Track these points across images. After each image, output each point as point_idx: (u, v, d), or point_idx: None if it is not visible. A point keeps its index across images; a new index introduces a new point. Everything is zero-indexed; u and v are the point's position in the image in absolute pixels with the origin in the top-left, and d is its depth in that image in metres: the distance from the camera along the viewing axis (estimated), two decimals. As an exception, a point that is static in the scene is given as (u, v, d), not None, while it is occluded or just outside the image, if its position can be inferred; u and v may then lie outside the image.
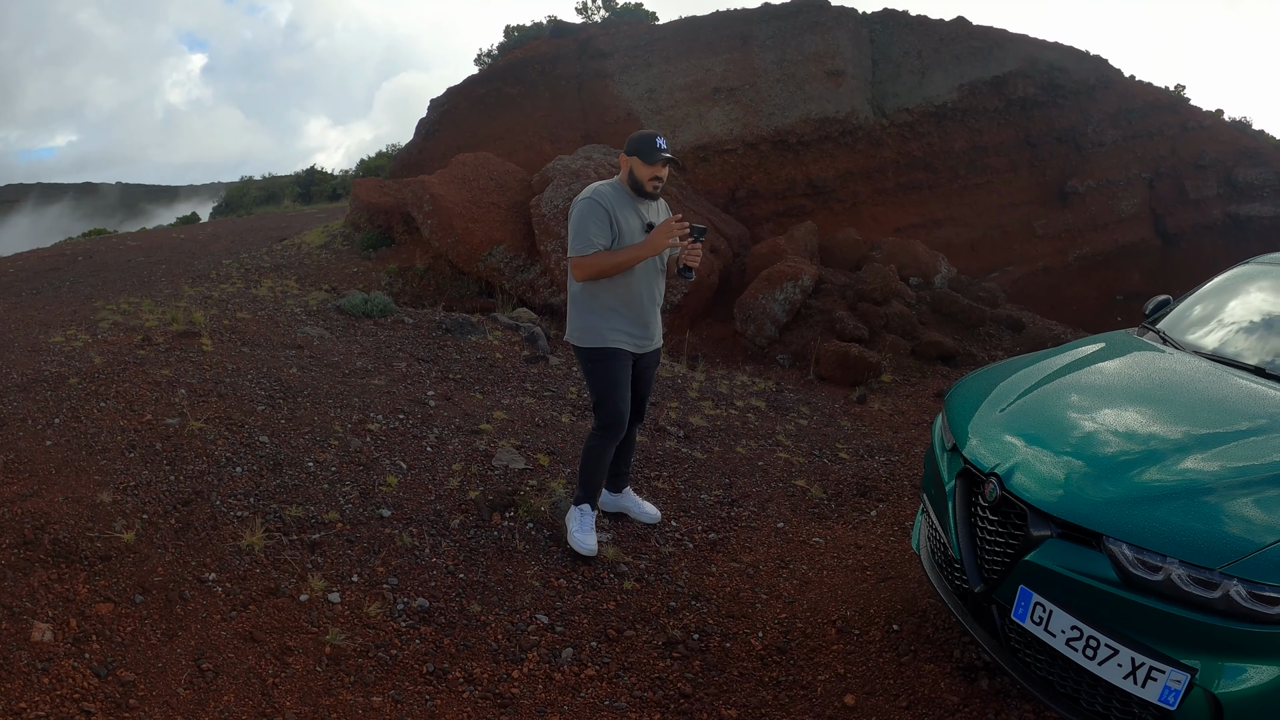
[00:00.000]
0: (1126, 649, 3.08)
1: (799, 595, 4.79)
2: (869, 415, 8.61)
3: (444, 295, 12.28)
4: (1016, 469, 3.62)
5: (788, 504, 6.01)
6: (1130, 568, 3.09)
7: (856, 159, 16.58)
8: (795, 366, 10.54)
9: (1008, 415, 4.08)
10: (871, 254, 13.35)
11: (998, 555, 3.61)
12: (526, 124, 16.31)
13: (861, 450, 7.36)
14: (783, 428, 7.69)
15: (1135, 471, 3.40)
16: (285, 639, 3.89)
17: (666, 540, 5.21)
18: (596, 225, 4.50)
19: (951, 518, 3.89)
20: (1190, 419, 3.72)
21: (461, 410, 6.61)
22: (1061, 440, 3.74)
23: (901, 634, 4.42)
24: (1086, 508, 3.31)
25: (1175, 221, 19.48)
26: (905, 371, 10.34)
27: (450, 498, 5.24)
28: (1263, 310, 4.83)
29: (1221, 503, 3.16)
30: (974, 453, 3.87)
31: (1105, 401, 4.02)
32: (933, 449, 4.45)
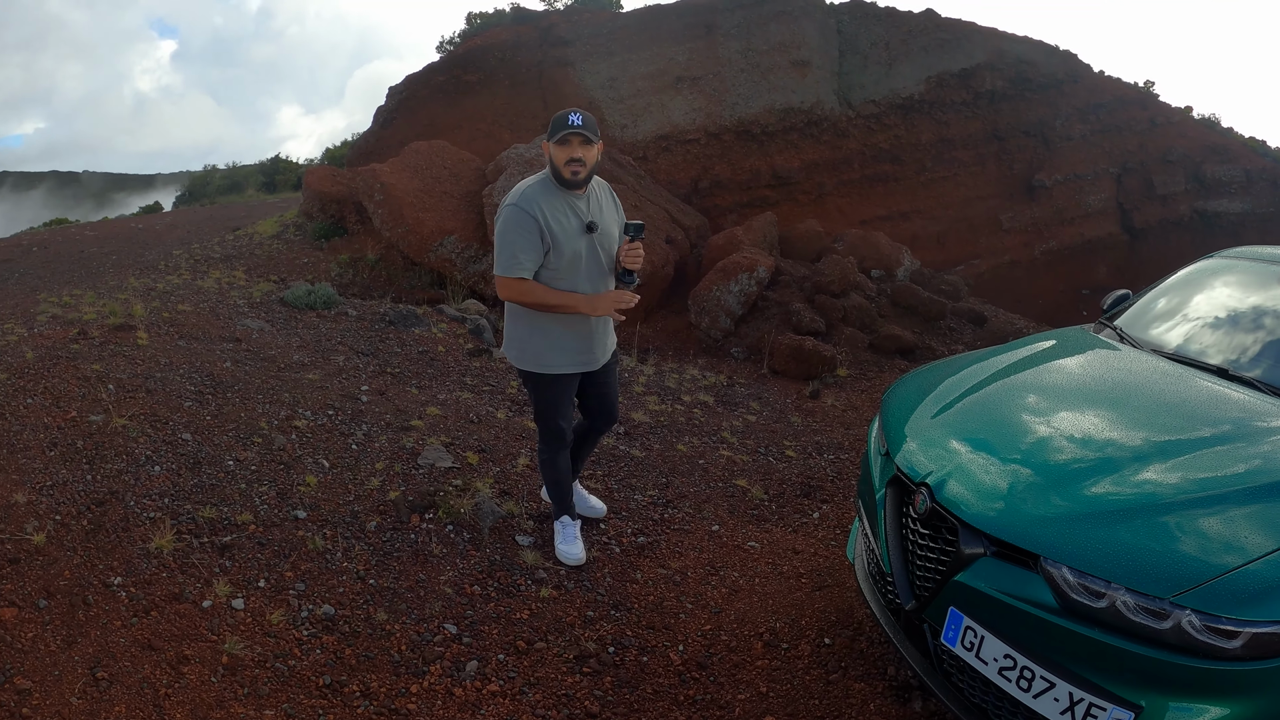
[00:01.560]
0: (1065, 682, 2.84)
1: (727, 605, 4.54)
2: (821, 411, 8.35)
3: (394, 286, 11.98)
4: (949, 478, 3.37)
5: (726, 505, 5.75)
6: (1071, 593, 2.84)
7: (822, 150, 16.40)
8: (749, 360, 10.26)
9: (947, 418, 3.84)
10: (833, 246, 13.12)
11: (929, 572, 3.37)
12: (486, 112, 16.02)
13: (810, 448, 7.12)
14: (729, 424, 7.42)
15: (1083, 484, 3.15)
16: (183, 647, 3.64)
17: (591, 544, 4.93)
18: (523, 241, 3.93)
19: (882, 528, 3.66)
20: (1148, 425, 3.47)
21: (395, 406, 6.31)
22: (1004, 446, 3.50)
23: (833, 649, 4.18)
24: (1023, 524, 3.06)
25: (1143, 216, 19.53)
26: (862, 366, 10.10)
27: (370, 498, 4.96)
28: (1226, 307, 4.62)
29: (1177, 522, 2.91)
30: (907, 459, 3.63)
31: (1055, 404, 3.78)
32: (867, 453, 4.22)
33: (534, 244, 3.95)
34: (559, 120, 3.95)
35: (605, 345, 4.43)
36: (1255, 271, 4.83)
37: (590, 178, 4.11)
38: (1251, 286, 4.72)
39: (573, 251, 4.05)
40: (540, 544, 4.85)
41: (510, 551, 4.73)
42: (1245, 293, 4.68)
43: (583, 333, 4.22)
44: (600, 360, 4.40)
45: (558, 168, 3.99)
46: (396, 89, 17.33)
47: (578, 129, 3.91)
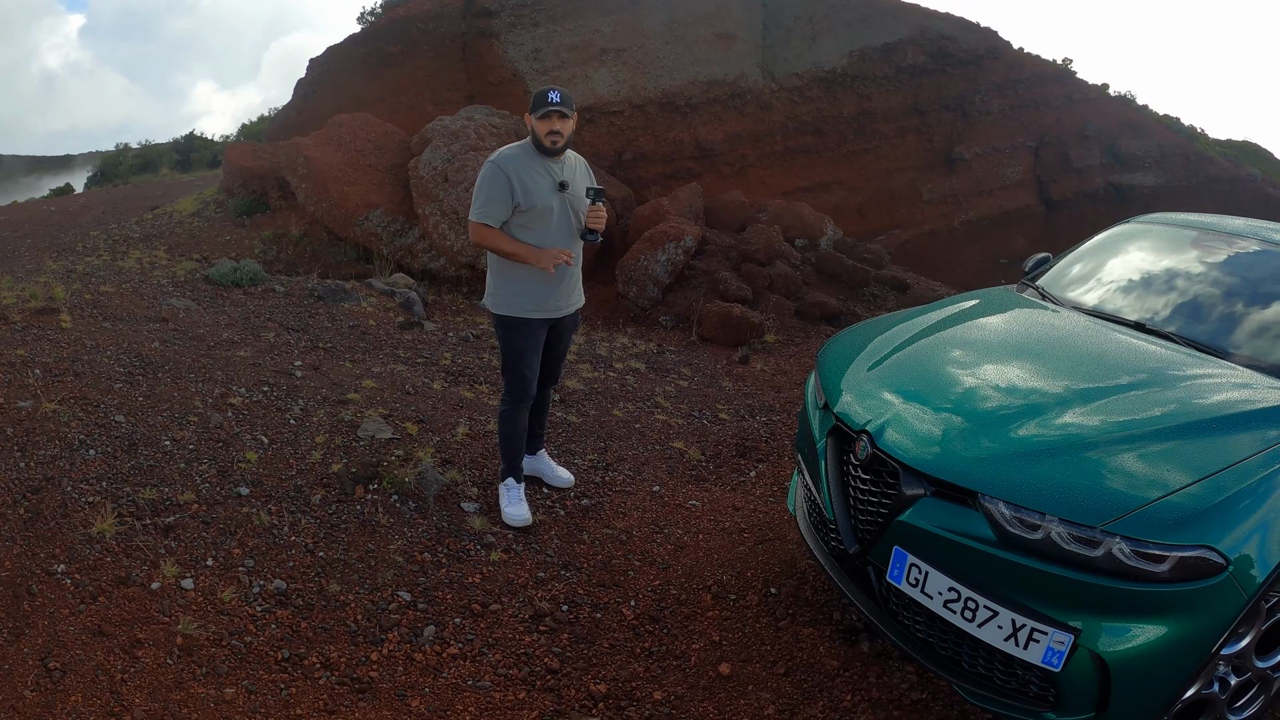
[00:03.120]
0: (1007, 610, 2.98)
1: (674, 561, 4.63)
2: (752, 375, 8.48)
3: (319, 262, 11.75)
4: (888, 426, 3.50)
5: (664, 467, 5.83)
6: (1008, 526, 2.99)
7: (745, 122, 16.45)
8: (678, 328, 10.34)
9: (880, 371, 3.96)
10: (757, 216, 13.20)
11: (872, 515, 3.49)
12: (409, 85, 15.74)
13: (742, 410, 7.23)
14: (662, 390, 7.51)
15: (1013, 427, 3.32)
16: (136, 631, 3.58)
17: (537, 508, 4.97)
18: (493, 193, 4.38)
19: (824, 477, 3.76)
20: (1070, 374, 3.65)
21: (329, 380, 6.24)
22: (935, 396, 3.64)
23: (779, 598, 4.29)
24: (961, 465, 3.21)
25: (1059, 189, 20.00)
26: (789, 331, 10.25)
27: (312, 472, 4.91)
28: (1141, 268, 4.83)
29: (1103, 458, 3.09)
30: (845, 409, 3.74)
31: (982, 357, 3.94)
32: (805, 407, 4.32)
33: (503, 198, 4.36)
34: (540, 97, 4.38)
35: (570, 298, 4.71)
36: (1167, 235, 5.08)
37: (567, 146, 4.53)
38: (1164, 249, 4.96)
39: (544, 206, 4.43)
40: (486, 509, 4.88)
41: (457, 518, 4.75)
42: (1158, 254, 4.91)
43: (551, 282, 4.53)
44: (563, 309, 4.68)
45: (539, 137, 4.42)
46: (318, 61, 16.94)
47: (557, 106, 4.34)
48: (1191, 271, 4.66)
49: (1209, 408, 3.36)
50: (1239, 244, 4.77)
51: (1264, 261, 4.59)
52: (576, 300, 4.78)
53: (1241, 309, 4.29)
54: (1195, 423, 3.25)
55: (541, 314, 4.56)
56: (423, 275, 11.53)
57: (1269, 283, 4.39)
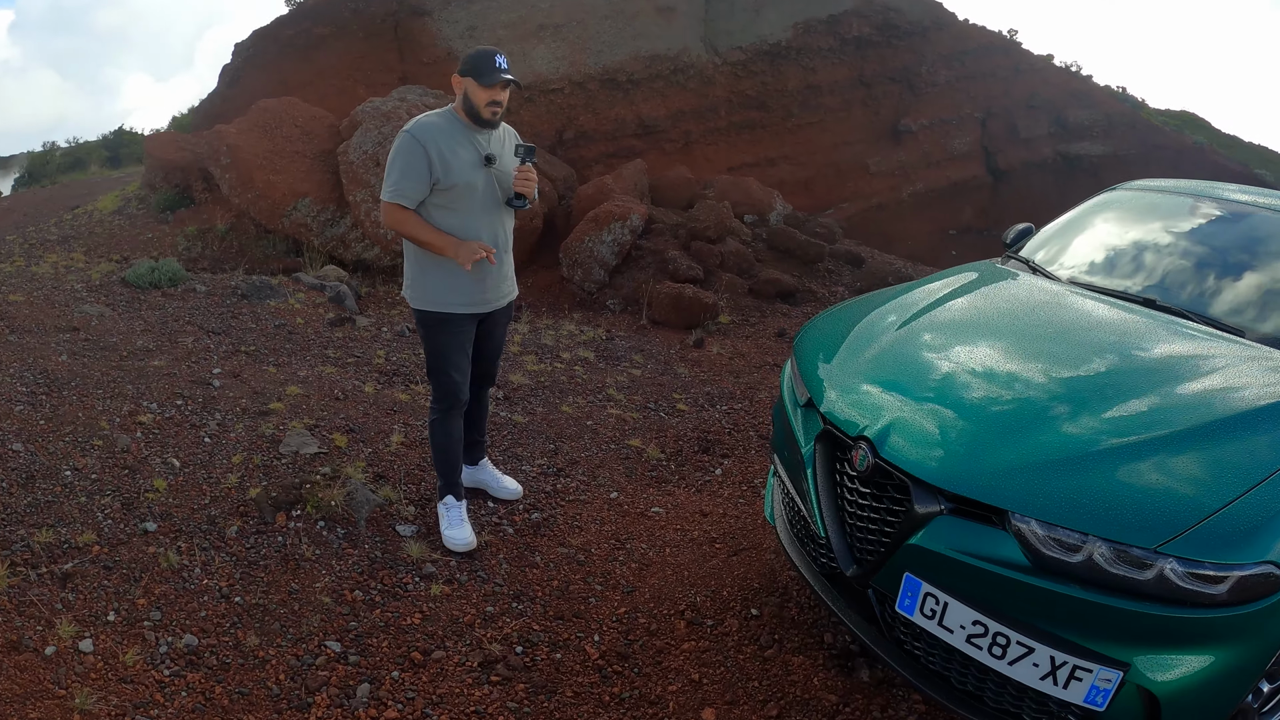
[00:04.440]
0: (1044, 646, 2.55)
1: (639, 582, 4.09)
2: (707, 360, 7.95)
3: (247, 257, 11.03)
4: (891, 431, 3.00)
5: (622, 469, 5.30)
6: (1044, 549, 2.55)
7: (688, 98, 15.97)
8: (627, 311, 9.80)
9: (873, 363, 3.47)
10: (704, 192, 12.77)
11: (873, 534, 3.01)
12: (339, 67, 15.01)
13: (701, 400, 6.72)
14: (614, 380, 6.96)
15: (1039, 430, 2.85)
16: (27, 710, 2.95)
17: (481, 526, 4.40)
18: (408, 168, 3.74)
19: (812, 488, 3.26)
20: (1091, 365, 3.20)
21: (251, 388, 5.60)
22: (942, 393, 3.15)
23: (762, 620, 3.79)
24: (985, 478, 2.73)
25: (1007, 159, 19.93)
26: (744, 311, 9.77)
27: (227, 499, 4.28)
28: (1139, 239, 4.45)
29: (1145, 465, 2.66)
30: (835, 410, 3.24)
31: (987, 345, 3.46)
32: (782, 402, 3.82)
33: (419, 174, 3.75)
34: (485, 62, 3.77)
35: (500, 289, 4.12)
36: (1160, 203, 4.72)
37: (502, 119, 3.99)
38: (1159, 217, 4.59)
39: (466, 183, 3.83)
40: (424, 532, 4.29)
41: (392, 545, 4.15)
42: (1154, 224, 4.54)
43: (477, 271, 3.92)
44: (494, 302, 4.10)
45: (477, 107, 3.81)
46: (243, 45, 16.09)
47: (506, 74, 3.77)
48: (1194, 242, 4.29)
49: (1247, 400, 2.95)
50: (1238, 211, 4.41)
51: (1271, 230, 4.21)
52: (509, 291, 4.19)
53: (1256, 282, 3.91)
54: (1235, 418, 2.84)
55: (468, 308, 3.96)
56: (356, 266, 10.87)
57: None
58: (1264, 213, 4.30)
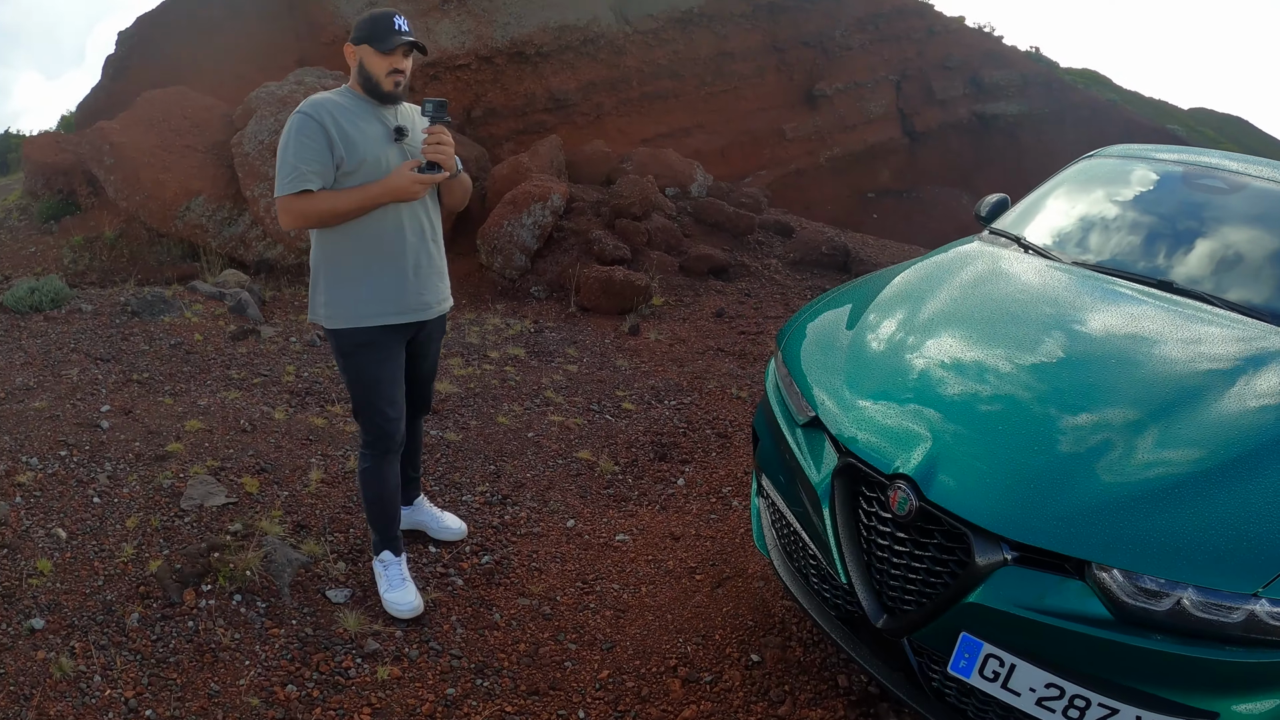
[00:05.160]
0: (1129, 706, 2.22)
1: (618, 633, 3.52)
2: (646, 348, 7.39)
3: (139, 266, 10.01)
4: (937, 467, 2.51)
5: (574, 488, 4.71)
6: (1128, 599, 2.20)
7: (600, 69, 15.36)
8: (553, 298, 9.16)
9: (892, 375, 2.96)
10: (622, 166, 12.21)
11: (913, 582, 2.53)
12: (232, 52, 13.98)
13: (647, 395, 6.15)
14: (550, 380, 6.34)
15: (1105, 463, 2.44)
16: None
17: (427, 580, 3.75)
18: (304, 149, 3.03)
19: (830, 531, 2.75)
20: (1140, 373, 2.80)
21: (144, 427, 4.80)
22: (992, 417, 2.66)
23: (765, 667, 3.29)
24: (1059, 524, 2.31)
25: (923, 121, 19.92)
26: (677, 291, 9.24)
27: (125, 577, 3.52)
28: (1137, 213, 4.08)
29: (1223, 498, 2.33)
30: (859, 440, 2.72)
31: (1023, 351, 2.98)
32: (770, 416, 3.29)
33: (319, 153, 3.05)
34: (381, 25, 3.13)
35: (436, 289, 3.42)
36: (1151, 172, 4.38)
37: (406, 91, 3.30)
38: (1154, 188, 4.25)
39: (374, 159, 3.14)
40: (360, 595, 3.60)
41: (324, 617, 3.46)
42: (1151, 196, 4.20)
43: (402, 268, 3.25)
44: (429, 307, 3.39)
45: (376, 78, 3.16)
46: (127, 33, 14.84)
47: (408, 36, 3.14)
48: (1202, 218, 3.94)
49: None
50: (1237, 183, 4.09)
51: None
52: (444, 295, 3.49)
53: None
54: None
55: (398, 317, 3.25)
56: (258, 267, 10.01)
57: None
58: (1263, 183, 4.02)
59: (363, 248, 3.18)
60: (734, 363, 7.04)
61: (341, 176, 3.09)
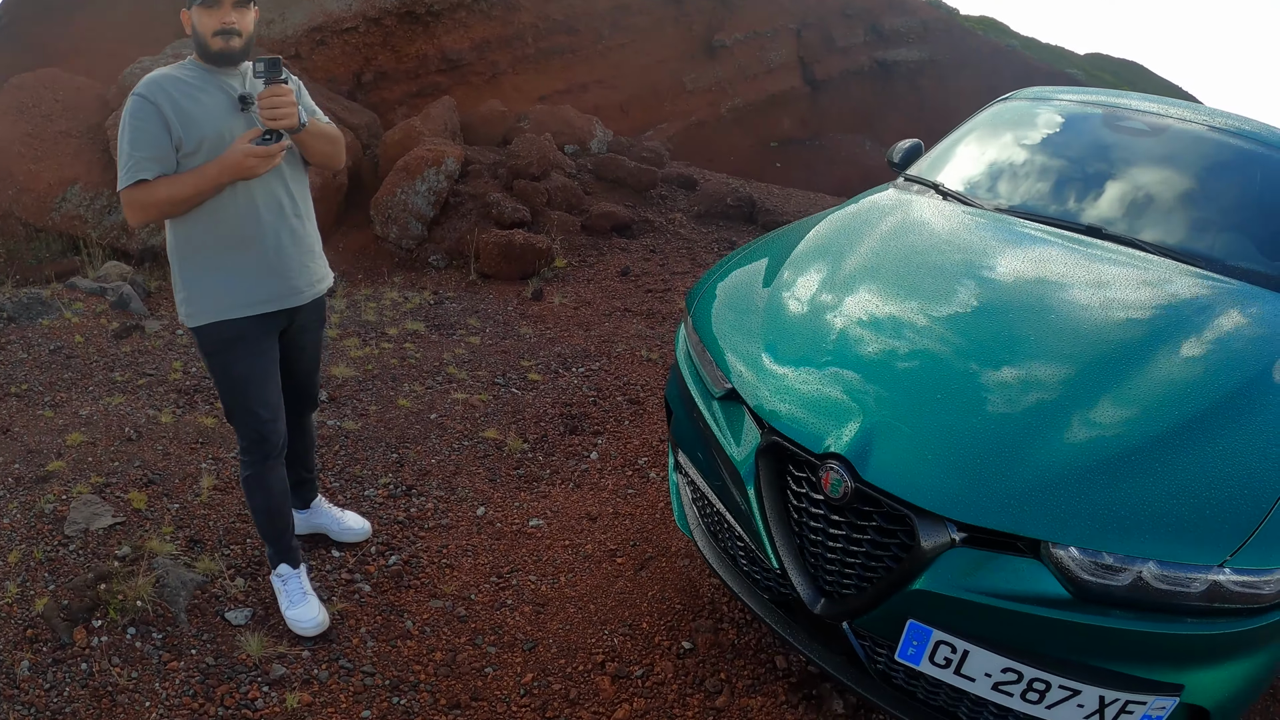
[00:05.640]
0: (1091, 687, 2.11)
1: (539, 631, 3.29)
2: (551, 313, 7.10)
3: (16, 265, 9.26)
4: (872, 445, 2.31)
5: (483, 471, 4.44)
6: (1087, 576, 2.08)
7: (493, 26, 14.83)
8: (453, 266, 8.79)
9: (814, 340, 2.75)
10: (520, 125, 11.86)
11: (852, 566, 2.36)
12: (108, 29, 13.13)
13: (553, 364, 5.89)
14: (452, 354, 6.02)
15: (1052, 434, 2.29)
16: None
17: (332, 590, 3.46)
18: (140, 135, 2.65)
19: (758, 515, 2.55)
20: (1078, 330, 2.67)
21: (23, 445, 4.35)
22: (930, 388, 2.47)
23: (698, 654, 3.12)
24: (1009, 502, 2.15)
25: (824, 69, 19.69)
26: (580, 251, 8.98)
27: (11, 620, 3.14)
28: (1060, 156, 3.96)
29: (1182, 465, 2.22)
30: (784, 415, 2.50)
31: (952, 308, 2.81)
32: (682, 383, 3.06)
33: (154, 138, 2.66)
34: None
35: (308, 270, 3.02)
36: (1069, 114, 4.27)
37: (248, 50, 2.84)
38: (1071, 130, 4.15)
39: (216, 135, 2.72)
40: (262, 615, 3.29)
41: (224, 642, 3.13)
42: (1070, 138, 4.09)
43: (261, 252, 2.86)
44: (300, 292, 2.99)
45: (203, 39, 2.75)
46: (-9, 15, 13.97)
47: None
48: (1125, 159, 3.84)
49: (1249, 358, 2.61)
50: (1157, 125, 4.01)
51: (1202, 146, 3.87)
52: (320, 276, 3.10)
53: (1212, 207, 3.57)
54: (1256, 382, 2.50)
55: (263, 306, 2.89)
56: (142, 256, 9.39)
57: (1225, 171, 3.73)
58: (1182, 125, 3.97)
59: (214, 234, 2.80)
60: (642, 323, 6.82)
61: (184, 159, 2.70)
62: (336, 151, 2.98)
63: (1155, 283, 2.96)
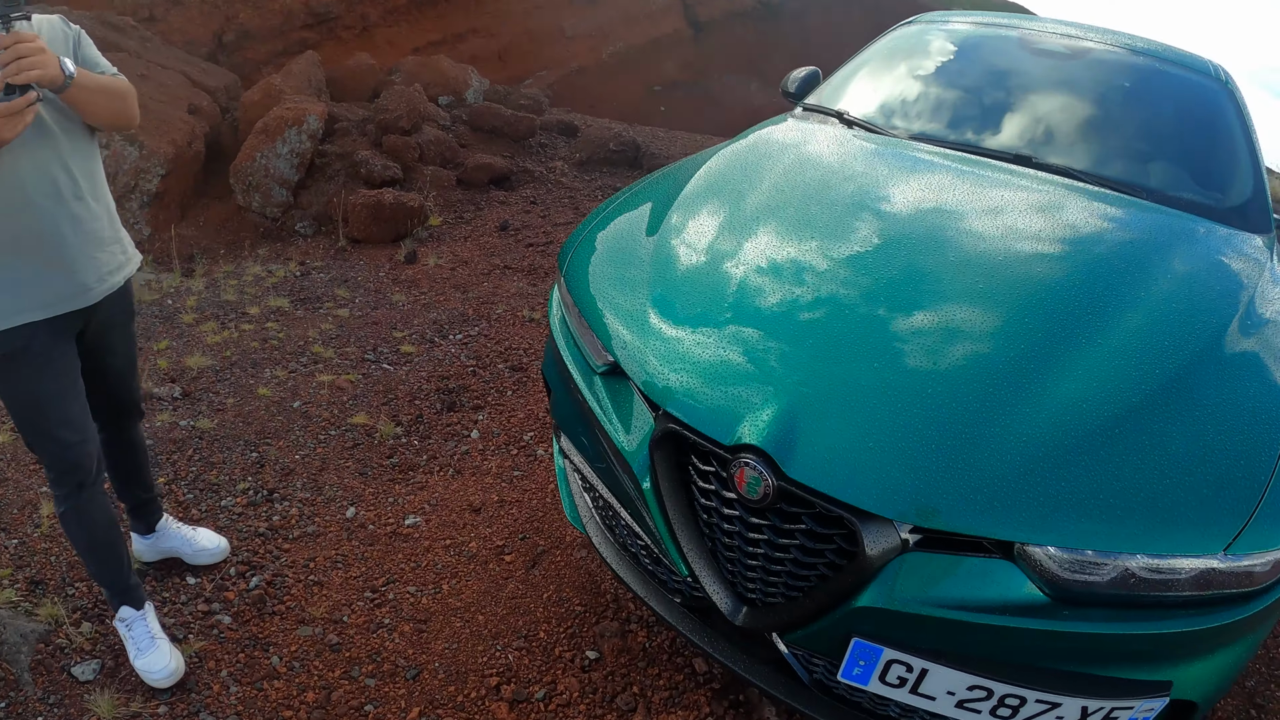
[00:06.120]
0: (1073, 698, 1.80)
1: (422, 655, 2.85)
2: (425, 276, 6.56)
3: None
4: (797, 434, 1.90)
5: (352, 463, 3.95)
6: (1068, 575, 1.78)
7: (362, -24, 14.08)
8: (321, 234, 8.15)
9: (712, 302, 2.31)
10: (391, 79, 11.22)
11: (777, 571, 1.97)
12: None
13: (429, 332, 5.39)
14: (318, 330, 5.45)
15: (1018, 414, 1.92)
16: None
17: (188, 625, 2.94)
18: None
19: (658, 515, 2.14)
20: (1031, 278, 2.33)
21: None
22: (859, 358, 2.06)
23: (605, 664, 2.75)
24: (971, 500, 1.78)
25: (707, 10, 19.55)
26: (456, 208, 8.43)
27: None
28: (971, 82, 3.65)
29: (1171, 434, 1.90)
30: (681, 400, 2.07)
31: (877, 255, 2.41)
32: (558, 355, 2.62)
33: None
34: None
35: (96, 263, 2.41)
36: (974, 36, 3.99)
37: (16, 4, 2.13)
38: (984, 54, 3.86)
39: None
40: (112, 666, 2.75)
41: (74, 704, 2.59)
42: (987, 62, 3.79)
43: (35, 245, 2.26)
44: (93, 288, 2.41)
45: None
46: None
47: None
48: (1045, 86, 3.54)
49: (1217, 303, 2.34)
50: (1075, 48, 3.76)
51: (1120, 68, 3.66)
52: (116, 266, 2.49)
53: (1133, 131, 3.32)
54: (1218, 333, 2.21)
55: (45, 310, 2.31)
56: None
57: (1144, 95, 3.53)
58: (1091, 46, 3.76)
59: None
60: (523, 280, 6.35)
61: None
62: (126, 108, 2.39)
63: (1111, 219, 2.66)
